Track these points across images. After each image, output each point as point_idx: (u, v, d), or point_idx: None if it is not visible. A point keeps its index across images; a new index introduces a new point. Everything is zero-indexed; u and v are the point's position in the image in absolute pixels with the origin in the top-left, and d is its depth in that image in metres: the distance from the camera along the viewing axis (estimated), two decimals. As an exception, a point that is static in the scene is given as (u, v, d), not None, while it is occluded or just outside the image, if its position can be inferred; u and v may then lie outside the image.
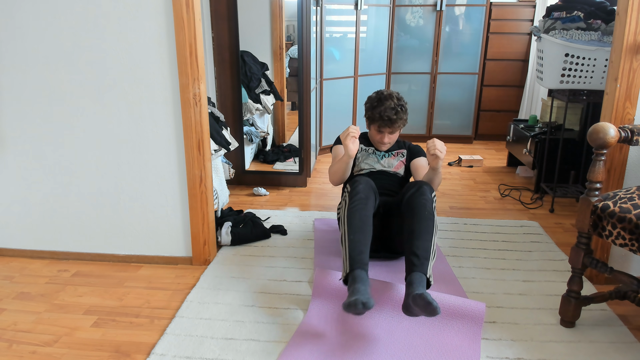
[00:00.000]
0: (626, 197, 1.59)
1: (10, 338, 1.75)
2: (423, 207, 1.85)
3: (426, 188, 1.92)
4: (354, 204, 1.87)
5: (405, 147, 2.41)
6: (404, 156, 2.37)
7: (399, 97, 2.23)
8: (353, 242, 1.78)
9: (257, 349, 1.65)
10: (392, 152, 2.37)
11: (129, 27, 2.01)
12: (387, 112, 2.16)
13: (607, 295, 1.78)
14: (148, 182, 2.21)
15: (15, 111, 2.18)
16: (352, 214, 1.85)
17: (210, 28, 3.09)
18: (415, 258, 1.74)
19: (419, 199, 1.88)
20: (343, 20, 4.08)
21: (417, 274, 1.70)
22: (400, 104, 2.20)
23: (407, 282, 1.70)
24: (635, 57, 1.86)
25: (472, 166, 3.97)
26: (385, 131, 2.23)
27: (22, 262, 2.34)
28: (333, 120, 4.19)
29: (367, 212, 1.86)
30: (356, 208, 1.86)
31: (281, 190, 3.36)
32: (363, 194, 1.90)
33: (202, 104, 2.09)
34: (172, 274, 2.21)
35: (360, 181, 1.95)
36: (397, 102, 2.19)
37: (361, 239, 1.80)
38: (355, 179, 1.98)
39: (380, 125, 2.21)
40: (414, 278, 1.69)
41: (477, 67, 4.51)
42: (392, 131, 2.23)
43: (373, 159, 2.35)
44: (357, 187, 1.92)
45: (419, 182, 1.97)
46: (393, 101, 2.18)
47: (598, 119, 2.17)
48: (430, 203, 1.88)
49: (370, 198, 1.91)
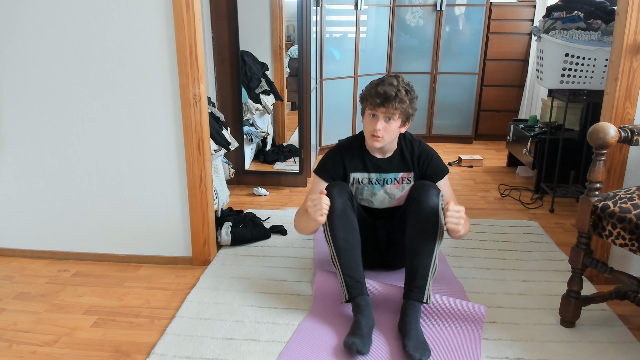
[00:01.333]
0: (626, 197, 1.59)
1: (10, 338, 1.75)
2: (427, 219, 1.70)
3: (433, 192, 1.72)
4: (333, 219, 1.74)
5: (413, 162, 1.91)
6: (410, 182, 1.92)
7: (406, 81, 1.81)
8: (345, 267, 1.74)
9: (257, 349, 1.65)
10: (396, 175, 1.91)
11: (129, 27, 2.01)
12: (385, 87, 1.73)
13: (607, 295, 1.78)
14: (148, 182, 2.21)
15: (15, 111, 2.18)
16: (335, 232, 1.74)
17: (210, 28, 3.09)
18: (412, 281, 1.71)
19: (424, 208, 1.71)
20: (343, 20, 4.08)
21: (412, 303, 1.69)
22: (407, 88, 1.77)
23: (402, 307, 1.71)
24: (635, 57, 1.86)
25: (472, 166, 3.97)
26: (380, 113, 1.74)
27: (22, 262, 2.34)
28: (333, 120, 4.19)
29: (348, 224, 1.75)
30: (337, 224, 1.74)
31: (281, 190, 3.36)
32: (340, 203, 1.75)
33: (202, 104, 2.09)
34: (172, 274, 2.21)
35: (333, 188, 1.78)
36: (402, 83, 1.77)
37: (353, 261, 1.75)
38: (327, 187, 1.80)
39: (372, 103, 1.75)
40: (409, 309, 1.68)
41: (477, 67, 4.51)
42: (388, 114, 1.74)
43: (369, 192, 1.94)
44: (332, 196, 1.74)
45: (424, 186, 1.75)
46: (398, 81, 1.77)
47: (598, 119, 2.17)
48: (437, 210, 1.71)
49: (347, 206, 1.76)
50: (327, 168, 1.93)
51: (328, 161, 1.94)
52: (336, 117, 4.21)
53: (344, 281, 1.75)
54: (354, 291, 1.73)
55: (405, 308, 1.70)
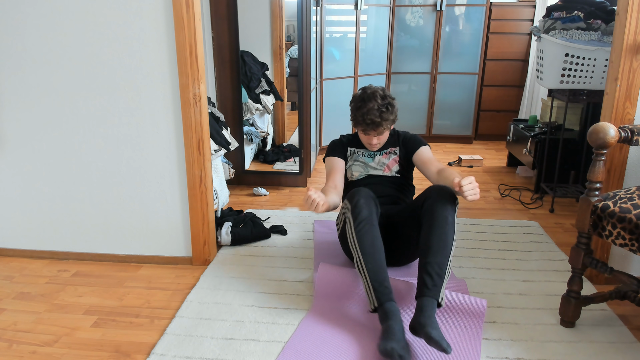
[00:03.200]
0: (626, 197, 1.59)
1: (10, 338, 1.75)
2: (444, 220, 1.73)
3: (448, 195, 1.78)
4: (360, 225, 1.77)
5: (399, 142, 2.24)
6: (396, 154, 2.23)
7: (383, 94, 2.05)
8: (372, 272, 1.71)
9: (257, 349, 1.65)
10: (383, 150, 2.24)
11: (129, 27, 2.01)
12: (370, 115, 2.00)
13: (607, 295, 1.78)
14: (148, 182, 2.21)
15: (15, 111, 2.18)
16: (361, 237, 1.76)
17: (210, 28, 3.09)
18: (429, 278, 1.65)
19: (440, 209, 1.75)
20: (343, 20, 4.08)
21: (430, 300, 1.62)
22: (386, 104, 2.03)
23: (418, 305, 1.63)
24: (635, 57, 1.86)
25: (472, 166, 3.97)
26: (372, 134, 2.08)
27: (22, 262, 2.34)
28: (333, 120, 4.19)
29: (375, 231, 1.77)
30: (364, 230, 1.76)
31: (281, 190, 3.36)
32: (366, 210, 1.79)
33: (202, 104, 2.09)
34: (172, 274, 2.21)
35: (359, 195, 1.84)
36: (381, 102, 2.02)
37: (379, 266, 1.72)
38: (352, 193, 1.87)
39: (364, 128, 2.07)
40: (426, 305, 1.61)
41: (477, 67, 4.51)
42: (379, 132, 2.07)
43: (362, 162, 2.23)
44: (358, 203, 1.81)
45: (440, 189, 1.81)
46: (377, 102, 2.01)
47: (598, 119, 2.17)
48: (453, 213, 1.76)
49: (373, 212, 1.81)
50: (335, 147, 2.25)
51: (334, 145, 2.27)
52: (336, 117, 4.21)
53: (372, 287, 1.70)
54: (383, 297, 1.67)
55: (421, 305, 1.63)
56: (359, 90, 2.13)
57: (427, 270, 1.68)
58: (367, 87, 2.12)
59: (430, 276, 1.66)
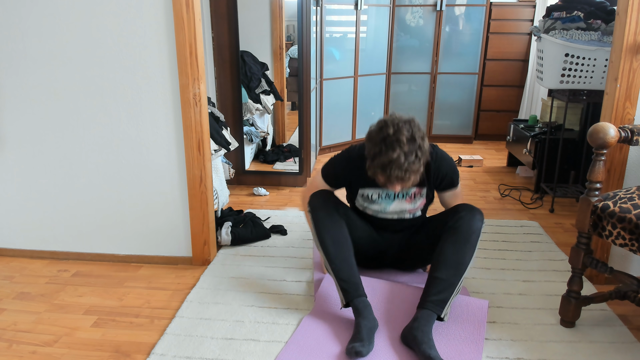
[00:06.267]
0: (626, 197, 1.59)
1: (10, 338, 1.75)
2: (467, 238, 1.69)
3: (479, 216, 1.74)
4: (319, 225, 1.77)
5: (429, 174, 1.80)
6: (422, 196, 1.86)
7: (411, 136, 1.55)
8: (337, 270, 1.73)
9: (257, 349, 1.65)
10: (408, 192, 1.84)
11: (129, 27, 2.01)
12: (393, 170, 1.55)
13: (607, 295, 1.78)
14: (148, 182, 2.21)
15: (15, 111, 2.18)
16: (323, 237, 1.76)
17: (210, 28, 3.09)
18: (437, 293, 1.63)
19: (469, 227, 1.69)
20: (343, 20, 4.08)
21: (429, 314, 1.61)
22: (414, 150, 1.55)
23: (417, 316, 1.62)
24: (635, 57, 1.86)
25: (472, 166, 3.97)
26: (396, 187, 1.65)
27: (22, 262, 2.34)
28: (333, 120, 4.19)
29: (335, 228, 1.76)
30: (325, 230, 1.76)
31: (281, 190, 3.36)
32: (323, 212, 1.77)
33: (202, 104, 2.09)
34: (172, 274, 2.21)
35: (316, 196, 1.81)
36: (408, 149, 1.53)
37: (343, 261, 1.73)
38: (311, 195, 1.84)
39: (385, 182, 1.65)
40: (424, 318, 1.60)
41: (477, 67, 4.51)
42: (406, 186, 1.65)
43: (379, 207, 1.88)
44: (314, 205, 1.79)
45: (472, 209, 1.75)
46: (402, 149, 1.53)
47: (598, 119, 2.17)
48: (478, 234, 1.72)
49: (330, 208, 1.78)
50: (336, 175, 1.90)
51: (337, 169, 1.89)
52: (336, 117, 4.21)
53: (339, 286, 1.74)
54: (350, 295, 1.71)
55: (419, 316, 1.62)
56: (377, 126, 1.61)
57: (437, 284, 1.66)
58: (388, 123, 1.57)
59: (439, 291, 1.65)
